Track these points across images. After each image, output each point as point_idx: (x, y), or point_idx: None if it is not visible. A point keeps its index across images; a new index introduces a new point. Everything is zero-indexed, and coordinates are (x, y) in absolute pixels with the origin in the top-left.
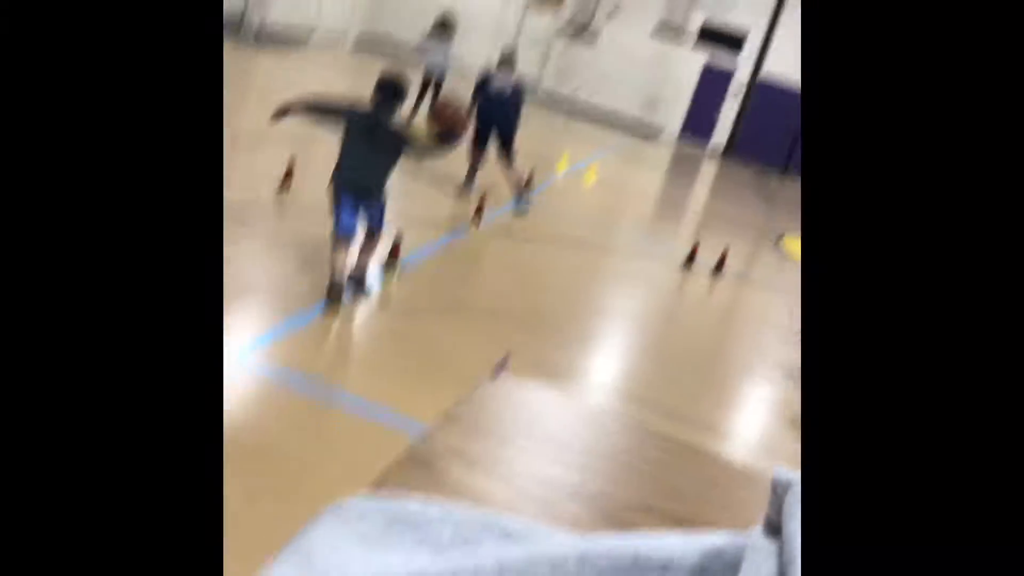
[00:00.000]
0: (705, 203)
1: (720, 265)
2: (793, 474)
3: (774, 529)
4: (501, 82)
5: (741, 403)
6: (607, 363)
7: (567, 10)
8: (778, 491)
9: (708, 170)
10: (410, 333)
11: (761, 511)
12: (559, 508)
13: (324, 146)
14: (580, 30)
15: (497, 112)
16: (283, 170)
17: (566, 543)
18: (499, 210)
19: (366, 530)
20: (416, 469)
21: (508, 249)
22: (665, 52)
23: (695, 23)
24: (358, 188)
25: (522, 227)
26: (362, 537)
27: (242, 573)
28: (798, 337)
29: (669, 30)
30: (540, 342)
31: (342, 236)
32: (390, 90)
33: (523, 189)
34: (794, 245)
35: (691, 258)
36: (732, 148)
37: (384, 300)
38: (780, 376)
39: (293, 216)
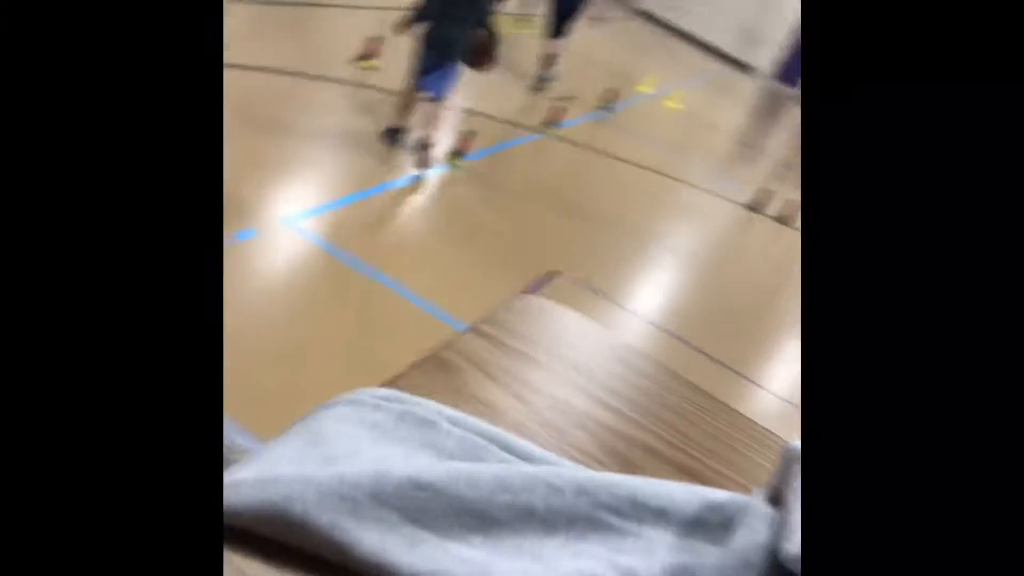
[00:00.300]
0: (786, 150)
1: (788, 217)
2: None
3: (775, 498)
4: None
5: (781, 358)
6: (652, 292)
7: None
8: (786, 460)
9: (796, 116)
10: (461, 229)
11: (769, 476)
12: (568, 435)
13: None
14: None
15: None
16: (370, 42)
17: (566, 472)
18: (577, 119)
19: (377, 420)
20: (437, 372)
21: (577, 159)
22: None
23: None
24: (441, 44)
25: (594, 139)
26: (372, 426)
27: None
28: None
29: None
30: (590, 257)
31: (419, 89)
32: None
33: (549, 66)
34: None
35: (760, 203)
36: None
37: (442, 190)
38: None
39: (369, 95)
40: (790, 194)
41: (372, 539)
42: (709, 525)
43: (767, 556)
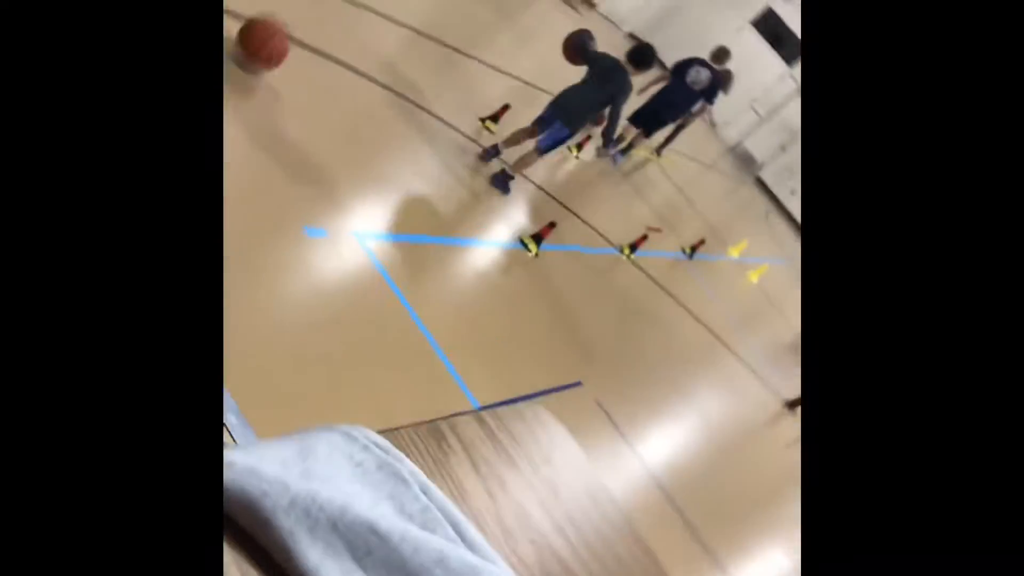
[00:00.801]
0: None
1: None
2: None
3: None
4: (700, 76)
5: (754, 557)
6: (662, 442)
7: None
8: None
9: None
10: (510, 309)
11: None
12: (518, 543)
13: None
14: None
15: (674, 103)
16: (502, 108)
17: (500, 573)
18: (659, 252)
19: (362, 460)
20: (429, 438)
21: (643, 288)
22: None
23: None
24: (569, 114)
25: (667, 277)
26: (356, 464)
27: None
28: None
29: None
30: (619, 384)
31: (541, 151)
32: (640, 55)
33: (609, 142)
34: None
35: (796, 405)
36: None
37: (508, 268)
38: None
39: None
40: None
41: (315, 557)
42: None
43: None
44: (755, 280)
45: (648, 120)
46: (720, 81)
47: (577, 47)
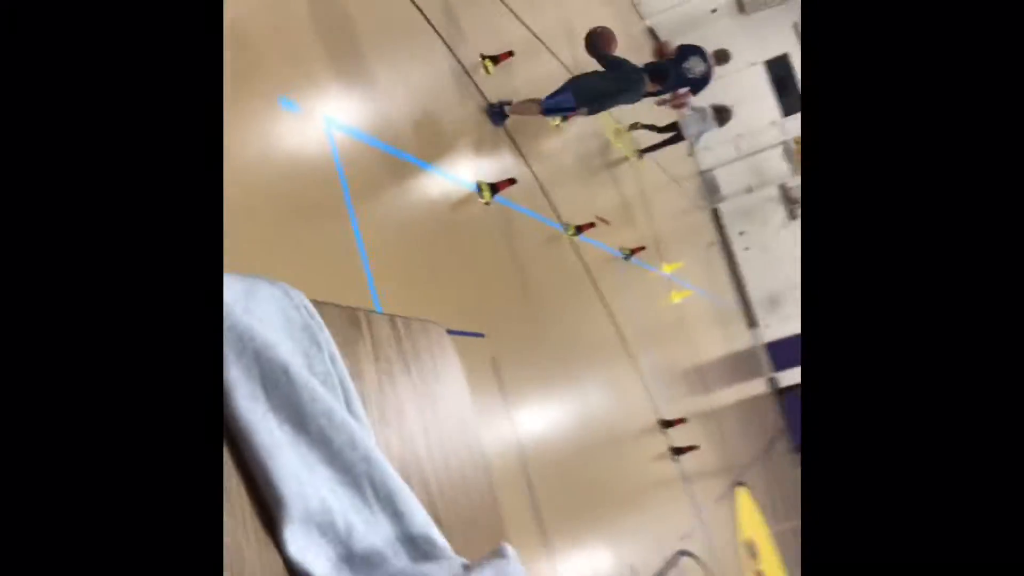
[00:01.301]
0: (728, 412)
1: (681, 452)
2: None
3: (467, 566)
4: (696, 66)
5: (588, 554)
6: (536, 414)
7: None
8: (494, 555)
9: (756, 389)
10: (445, 244)
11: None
12: (389, 433)
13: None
14: (791, 205)
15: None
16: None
17: (370, 442)
18: (599, 243)
19: (292, 317)
20: (347, 324)
21: (573, 271)
22: None
23: None
24: (580, 92)
25: (598, 269)
26: (287, 319)
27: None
28: None
29: None
30: (517, 349)
31: (544, 107)
32: (660, 71)
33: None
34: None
35: (669, 426)
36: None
37: (458, 206)
38: None
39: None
40: (693, 441)
41: (235, 373)
42: (418, 544)
43: None
44: (676, 301)
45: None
46: (708, 77)
47: (596, 49)
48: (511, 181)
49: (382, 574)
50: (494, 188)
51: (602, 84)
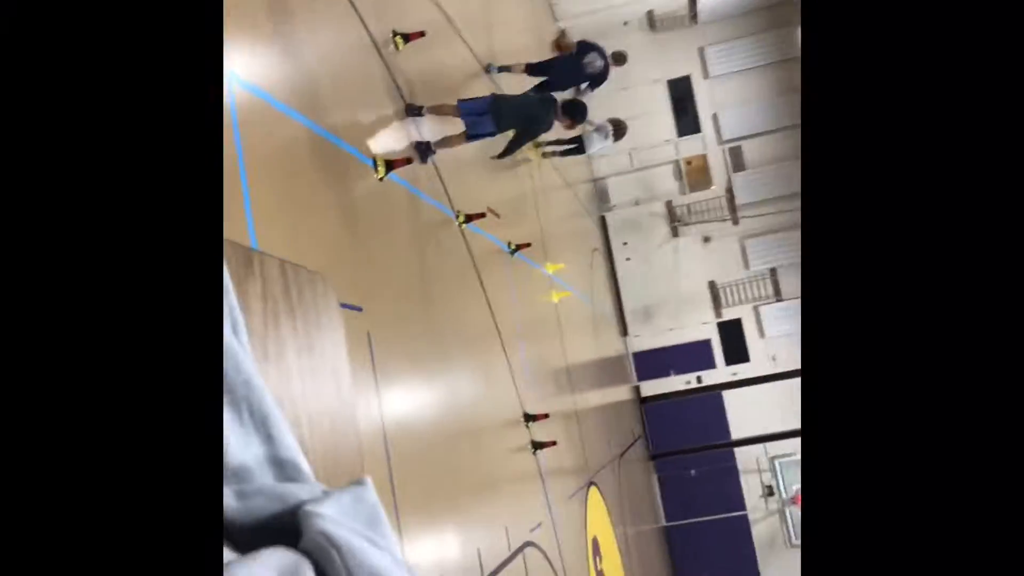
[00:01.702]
0: (590, 414)
1: (540, 445)
2: None
3: (327, 492)
4: (595, 61)
5: (434, 536)
6: (403, 395)
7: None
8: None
9: (620, 395)
10: (337, 213)
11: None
12: (267, 370)
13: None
14: (674, 223)
15: (564, 72)
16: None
17: (255, 374)
18: (487, 234)
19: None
20: (241, 259)
21: (457, 257)
22: (679, 281)
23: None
24: (500, 117)
25: (483, 259)
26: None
27: None
28: None
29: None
30: (393, 328)
31: (467, 134)
32: (575, 110)
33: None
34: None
35: (532, 420)
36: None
37: (353, 176)
38: None
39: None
40: (553, 437)
41: None
42: (285, 467)
43: (290, 509)
44: (555, 300)
45: (536, 71)
46: (606, 74)
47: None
48: (407, 160)
49: (249, 488)
50: (389, 165)
51: (519, 108)
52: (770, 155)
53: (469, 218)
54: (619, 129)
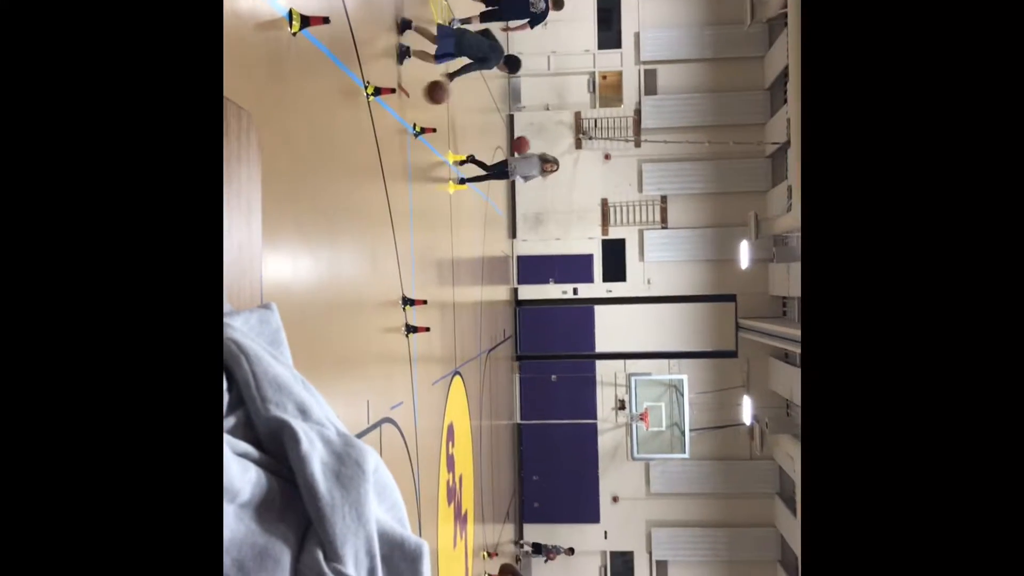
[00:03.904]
0: (467, 308)
1: (415, 329)
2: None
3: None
4: (539, 3)
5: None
6: (286, 262)
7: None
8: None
9: (498, 295)
10: (314, 81)
11: None
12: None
13: None
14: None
15: (512, 6)
16: None
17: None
18: (394, 112)
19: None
20: None
21: (361, 131)
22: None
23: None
24: (460, 46)
25: (384, 133)
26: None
27: None
28: None
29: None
30: (284, 188)
31: (436, 56)
32: (514, 62)
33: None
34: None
35: (410, 304)
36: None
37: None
38: None
39: None
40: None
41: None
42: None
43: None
44: (451, 192)
45: (488, 14)
46: (546, 15)
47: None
48: (324, 20)
49: None
50: (305, 21)
51: (475, 43)
52: (683, 84)
53: (378, 91)
54: (549, 165)
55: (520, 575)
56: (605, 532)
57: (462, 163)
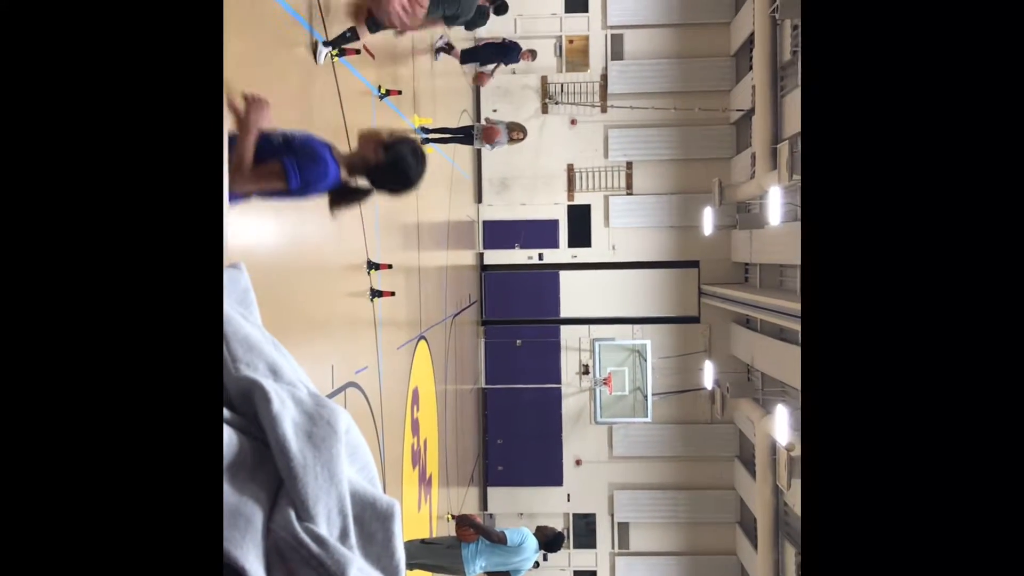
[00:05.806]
0: (432, 273)
1: (379, 293)
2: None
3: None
4: None
5: None
6: (255, 226)
7: None
8: None
9: (464, 260)
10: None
11: None
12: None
13: None
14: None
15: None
16: None
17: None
18: (359, 75)
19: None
20: None
21: (326, 92)
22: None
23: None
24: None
25: (348, 96)
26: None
27: None
28: None
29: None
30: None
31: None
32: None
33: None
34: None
35: (376, 268)
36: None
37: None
38: None
39: None
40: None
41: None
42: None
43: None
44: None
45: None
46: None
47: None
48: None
49: None
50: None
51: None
52: (650, 50)
53: (343, 52)
54: (517, 132)
55: (478, 523)
56: (568, 495)
57: (426, 131)
